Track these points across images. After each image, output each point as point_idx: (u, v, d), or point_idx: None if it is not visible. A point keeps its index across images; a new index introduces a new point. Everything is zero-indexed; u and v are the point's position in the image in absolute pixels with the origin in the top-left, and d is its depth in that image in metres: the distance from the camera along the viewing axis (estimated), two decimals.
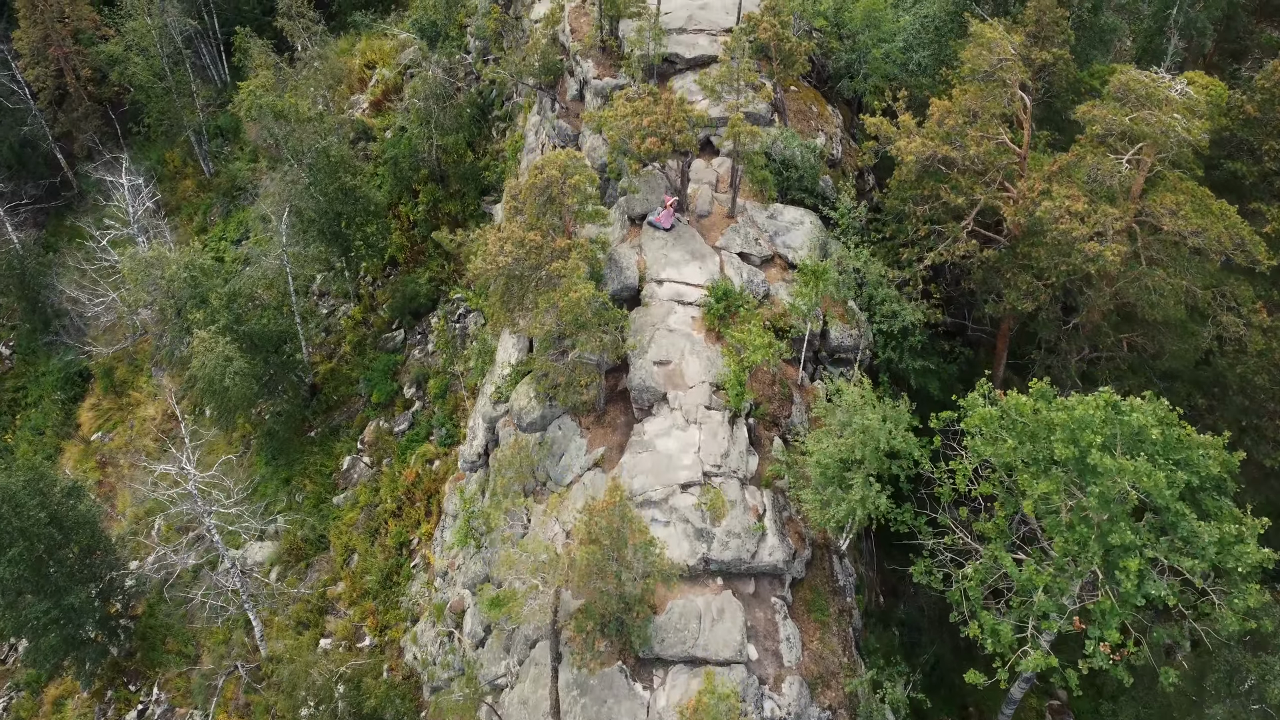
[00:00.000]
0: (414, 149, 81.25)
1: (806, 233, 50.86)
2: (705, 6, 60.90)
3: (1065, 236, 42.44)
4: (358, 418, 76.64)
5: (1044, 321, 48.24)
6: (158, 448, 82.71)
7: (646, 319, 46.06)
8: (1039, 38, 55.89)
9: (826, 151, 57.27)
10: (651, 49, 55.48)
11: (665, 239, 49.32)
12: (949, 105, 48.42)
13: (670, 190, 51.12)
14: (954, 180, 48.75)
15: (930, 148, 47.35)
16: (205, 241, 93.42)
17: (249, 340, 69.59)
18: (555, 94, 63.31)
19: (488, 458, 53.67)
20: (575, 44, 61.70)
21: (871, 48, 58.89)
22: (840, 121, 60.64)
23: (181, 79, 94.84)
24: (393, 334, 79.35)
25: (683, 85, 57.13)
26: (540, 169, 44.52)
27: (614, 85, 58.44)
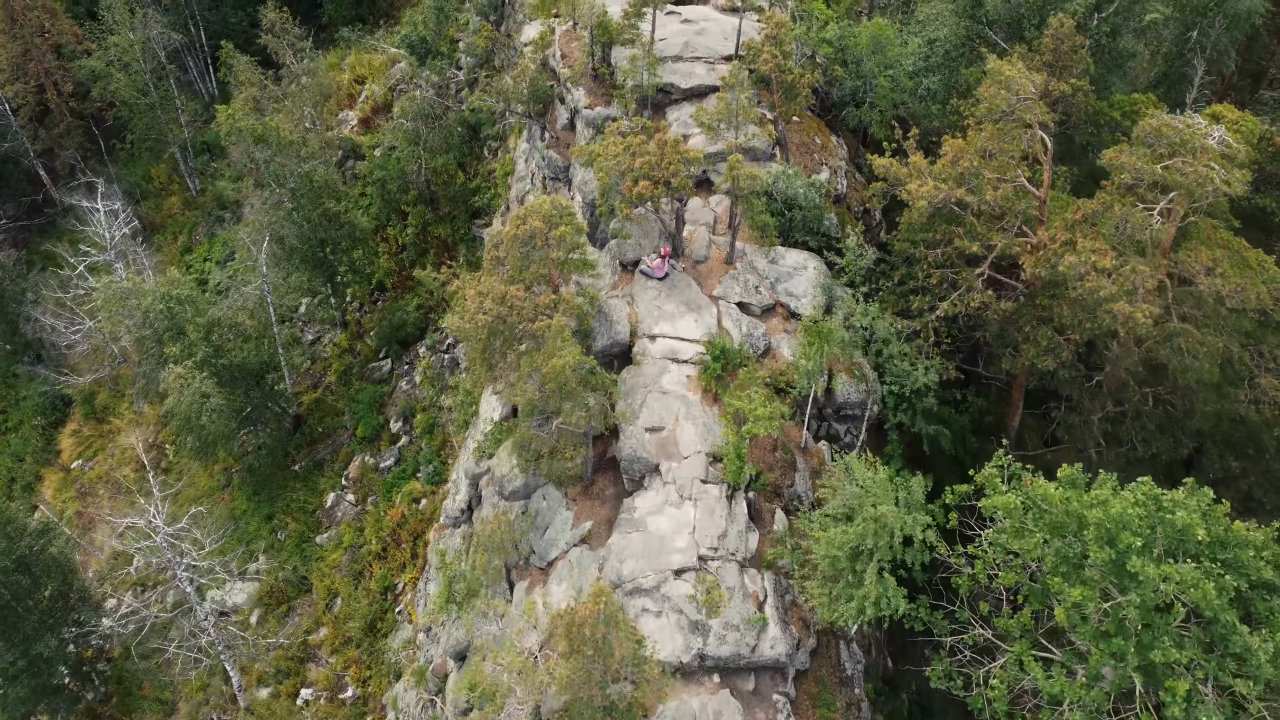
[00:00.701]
0: (402, 170, 77.05)
1: (810, 279, 46.73)
2: (702, 32, 56.67)
3: (1092, 295, 38.31)
4: (343, 452, 72.61)
5: (1065, 379, 44.12)
6: (137, 479, 78.91)
7: (638, 379, 41.94)
8: (1056, 68, 51.78)
9: (831, 187, 53.14)
10: (645, 79, 51.28)
11: (659, 288, 45.19)
12: (963, 145, 44.24)
13: (664, 234, 46.99)
14: (968, 224, 44.62)
15: (943, 191, 43.18)
16: (189, 262, 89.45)
17: (229, 373, 65.52)
18: (545, 122, 59.13)
19: (471, 513, 49.68)
20: (566, 70, 57.49)
21: (878, 75, 54.65)
22: (845, 153, 56.46)
23: (166, 94, 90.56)
24: (379, 364, 75.27)
25: (678, 117, 52.95)
26: (523, 219, 40.42)
27: (606, 116, 54.27)
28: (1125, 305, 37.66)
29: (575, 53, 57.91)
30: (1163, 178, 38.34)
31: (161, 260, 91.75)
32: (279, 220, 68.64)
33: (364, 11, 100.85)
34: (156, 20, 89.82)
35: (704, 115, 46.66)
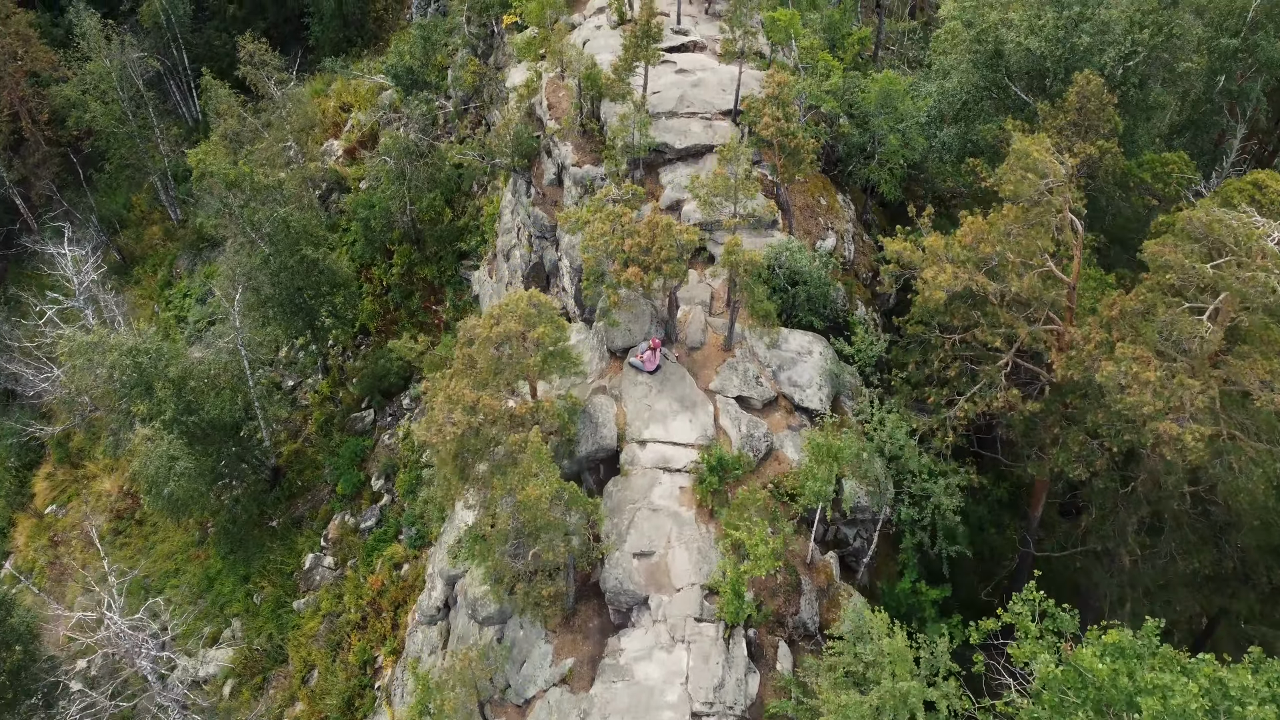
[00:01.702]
0: (387, 209, 71.93)
1: (816, 365, 41.73)
2: (698, 84, 51.46)
3: (1134, 411, 33.28)
4: (322, 509, 67.71)
5: (1098, 490, 39.12)
6: (111, 529, 74.20)
7: (626, 493, 36.96)
8: (1082, 127, 46.72)
9: (838, 256, 48.11)
10: (636, 139, 46.15)
11: (649, 383, 40.18)
12: (984, 226, 39.19)
13: (655, 320, 41.96)
14: (990, 311, 39.61)
15: (963, 279, 38.13)
16: (169, 297, 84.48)
17: (200, 429, 60.52)
18: (531, 176, 54.02)
19: (448, 610, 44.82)
20: (552, 123, 52.34)
21: (888, 133, 49.51)
22: (852, 213, 51.37)
23: (144, 122, 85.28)
24: (362, 414, 70.31)
25: (672, 180, 47.87)
26: (497, 319, 35.39)
27: (595, 175, 49.19)
28: (1173, 426, 32.67)
29: (563, 103, 52.76)
30: (1214, 281, 33.29)
31: (142, 294, 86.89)
32: (254, 268, 63.62)
33: (351, 34, 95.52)
34: (133, 46, 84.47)
35: (700, 188, 41.57)
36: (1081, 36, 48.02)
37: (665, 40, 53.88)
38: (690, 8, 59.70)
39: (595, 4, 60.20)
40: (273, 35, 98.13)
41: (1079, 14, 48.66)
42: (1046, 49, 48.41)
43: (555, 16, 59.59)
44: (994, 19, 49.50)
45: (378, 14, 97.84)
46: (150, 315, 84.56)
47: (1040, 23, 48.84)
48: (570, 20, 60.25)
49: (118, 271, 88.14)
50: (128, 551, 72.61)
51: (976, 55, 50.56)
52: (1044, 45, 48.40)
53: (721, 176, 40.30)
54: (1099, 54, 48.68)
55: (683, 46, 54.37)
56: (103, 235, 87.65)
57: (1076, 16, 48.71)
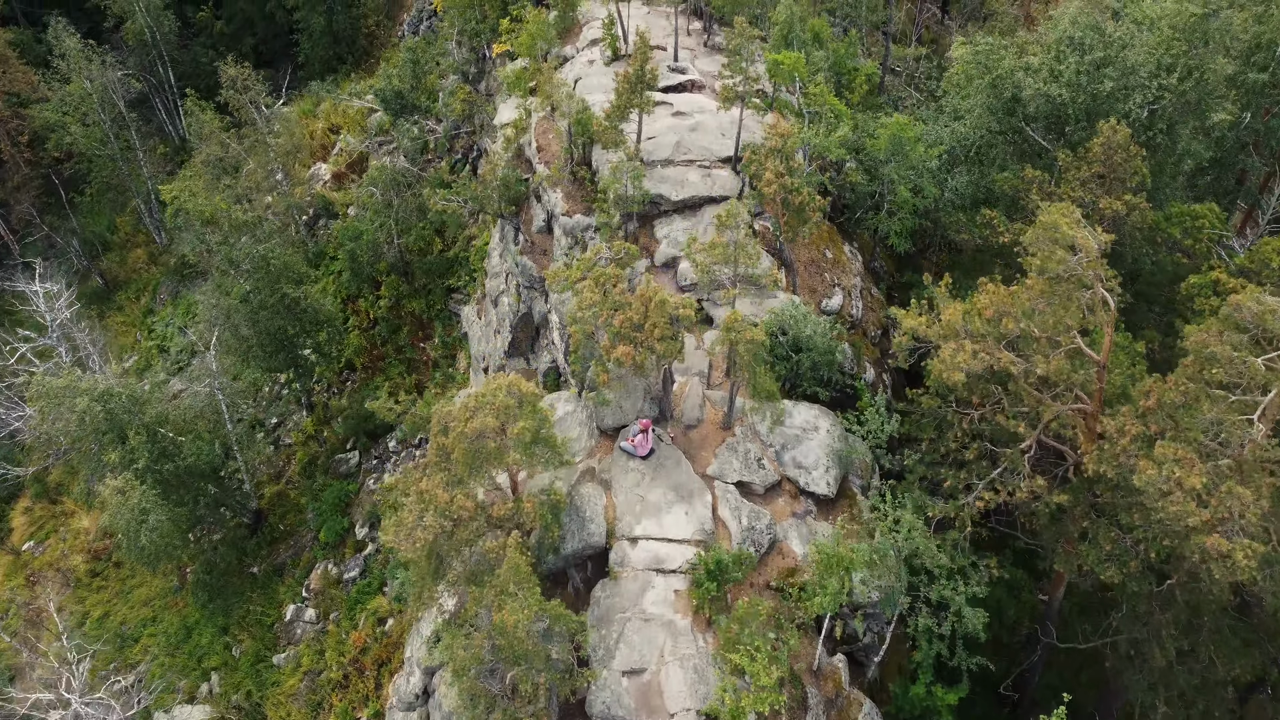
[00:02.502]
0: (374, 241, 68.01)
1: (822, 444, 37.86)
2: (696, 128, 47.46)
3: (1177, 522, 29.43)
4: (305, 556, 63.86)
5: (1131, 593, 35.25)
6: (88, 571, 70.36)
7: (615, 600, 33.09)
8: (1108, 179, 42.82)
9: (845, 313, 44.23)
10: (630, 191, 42.20)
11: (642, 470, 36.29)
12: (1005, 298, 35.27)
13: (649, 397, 38.06)
14: (1013, 390, 35.74)
15: (984, 358, 34.23)
16: (151, 325, 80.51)
17: (176, 477, 56.71)
18: (519, 222, 50.07)
19: (427, 697, 41.01)
20: (542, 167, 48.38)
21: (898, 183, 45.57)
22: (859, 265, 47.46)
23: (127, 145, 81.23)
24: (347, 455, 66.43)
25: (668, 234, 43.95)
26: (473, 413, 31.51)
27: (586, 225, 45.29)
28: (1221, 541, 28.82)
29: (553, 145, 48.79)
30: (1268, 379, 29.41)
31: (125, 320, 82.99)
32: (232, 308, 59.70)
33: (342, 51, 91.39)
34: (116, 65, 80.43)
35: (698, 253, 37.65)
36: (1104, 82, 44.07)
37: (662, 79, 49.94)
38: (688, 40, 55.71)
39: (588, 35, 56.19)
40: (262, 52, 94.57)
41: (1102, 58, 44.70)
42: (1068, 95, 44.46)
43: (546, 48, 55.58)
44: (1011, 64, 45.51)
45: (369, 30, 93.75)
46: (133, 343, 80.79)
47: (1061, 67, 44.88)
48: (562, 53, 56.26)
49: (100, 297, 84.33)
50: (104, 595, 68.82)
51: (992, 100, 46.57)
52: (1065, 92, 44.45)
53: (720, 245, 36.33)
54: (1123, 100, 44.73)
55: (680, 86, 50.38)
56: (85, 260, 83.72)
57: (1099, 60, 44.75)
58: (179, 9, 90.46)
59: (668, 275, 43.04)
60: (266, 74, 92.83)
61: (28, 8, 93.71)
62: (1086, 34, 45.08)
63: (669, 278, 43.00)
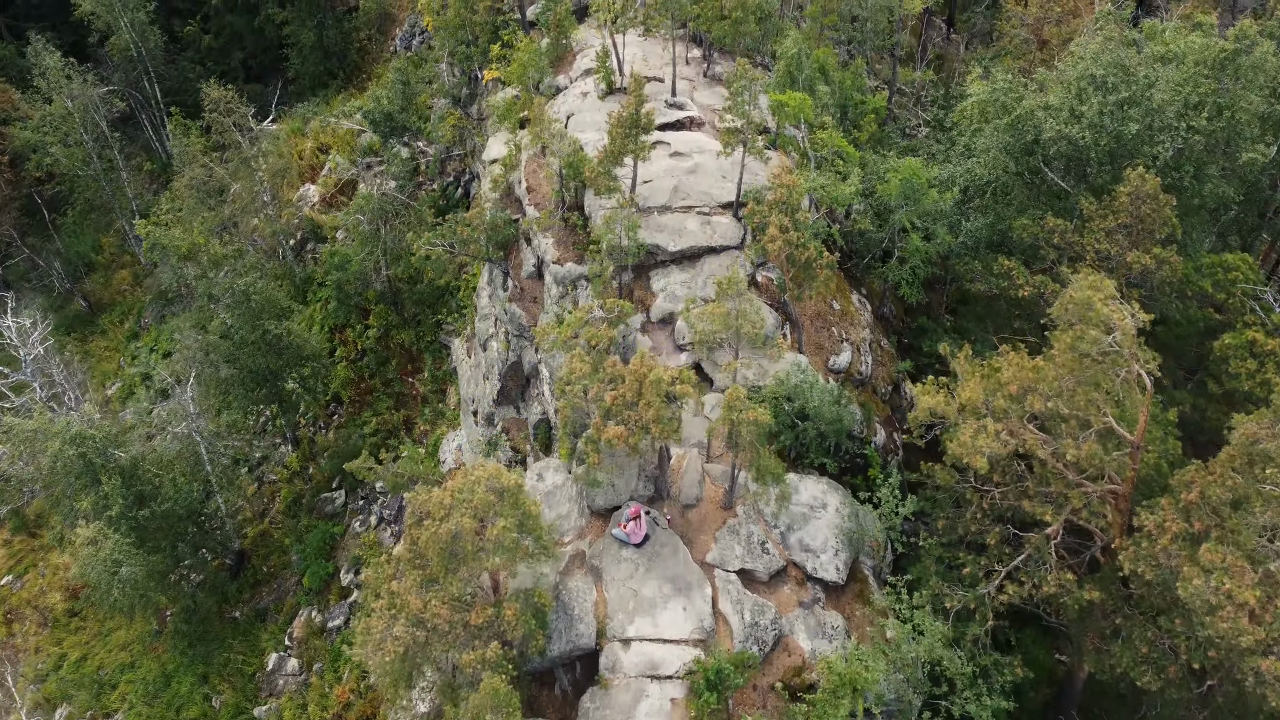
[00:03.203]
0: (362, 271, 64.53)
1: (831, 524, 34.47)
2: (695, 171, 43.94)
3: (1227, 640, 26.06)
4: (288, 601, 60.50)
5: (1170, 701, 31.86)
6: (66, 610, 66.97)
7: (605, 713, 29.68)
8: (1135, 231, 39.36)
9: (854, 370, 40.81)
10: (624, 240, 38.73)
11: (635, 560, 32.87)
12: (1030, 373, 31.89)
13: (644, 475, 34.65)
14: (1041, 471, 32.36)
15: (1008, 441, 30.87)
16: (134, 351, 77.00)
17: (153, 523, 53.39)
18: (508, 266, 46.61)
19: None
20: (531, 209, 44.91)
21: (911, 232, 42.11)
22: (869, 316, 44.02)
23: (110, 165, 77.63)
24: (332, 495, 63.05)
25: (665, 286, 40.48)
26: (447, 511, 28.14)
27: (578, 275, 41.85)
28: (1278, 665, 25.44)
29: (543, 186, 45.30)
30: None
31: (108, 345, 79.53)
32: (210, 345, 56.27)
33: (333, 66, 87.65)
34: (98, 83, 76.82)
35: (697, 320, 34.23)
36: (1130, 124, 40.54)
37: (659, 115, 46.37)
38: (686, 69, 52.14)
39: (582, 64, 52.61)
40: (251, 66, 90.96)
41: (1126, 98, 41.19)
42: (1090, 138, 40.94)
43: (538, 78, 52.01)
44: (1030, 104, 41.99)
45: (361, 44, 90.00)
46: (116, 370, 77.34)
47: (1083, 108, 41.36)
48: (554, 83, 52.67)
49: (83, 321, 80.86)
50: (82, 636, 65.48)
51: (1010, 141, 43.08)
52: (1088, 134, 40.93)
53: (721, 314, 32.87)
54: (1150, 143, 41.23)
55: (678, 123, 46.83)
56: (67, 282, 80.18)
57: (1124, 100, 41.24)
58: (166, 23, 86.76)
59: (665, 332, 39.61)
60: (255, 89, 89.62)
61: (11, 21, 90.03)
62: (1110, 72, 41.59)
63: (666, 334, 39.57)
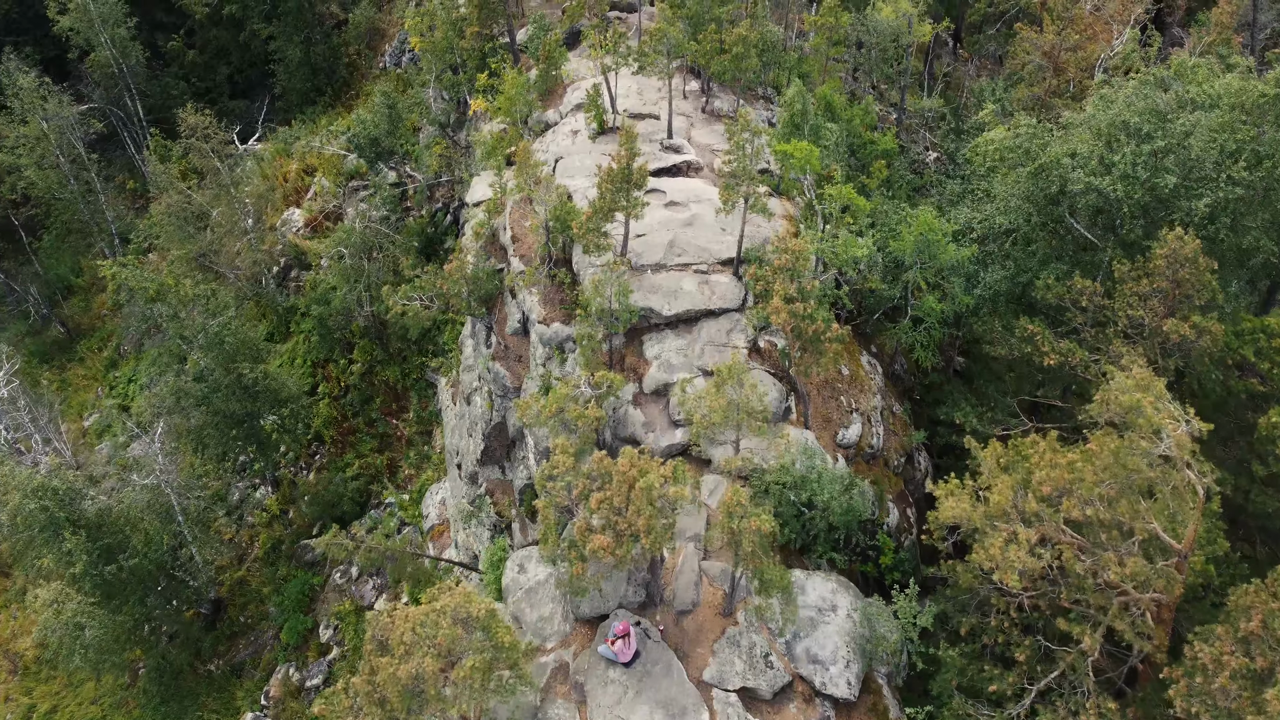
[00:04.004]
0: (345, 305, 60.53)
1: (841, 629, 30.57)
2: (692, 222, 39.86)
3: None
4: (265, 656, 56.63)
5: None
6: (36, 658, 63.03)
7: None
8: (1172, 296, 35.34)
9: (864, 443, 36.84)
10: (613, 303, 34.73)
11: (624, 682, 28.94)
12: (1065, 472, 27.94)
13: (634, 580, 30.70)
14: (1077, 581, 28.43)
15: (1045, 557, 26.95)
16: (113, 381, 73.01)
17: (121, 579, 49.55)
18: (492, 321, 42.61)
19: None
20: (517, 260, 40.89)
21: (927, 292, 38.10)
22: (880, 379, 40.07)
23: (88, 187, 73.51)
24: (312, 543, 58.73)
25: (659, 354, 36.50)
26: (408, 649, 24.16)
27: (565, 336, 37.86)
28: None
29: (529, 235, 41.30)
30: None
31: (86, 374, 75.53)
32: (183, 391, 52.33)
33: (320, 83, 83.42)
34: (75, 103, 72.66)
35: (693, 410, 30.24)
36: (1166, 177, 36.47)
37: (653, 159, 42.36)
38: (684, 104, 48.09)
39: (573, 99, 48.53)
40: (237, 82, 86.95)
41: (1162, 148, 37.12)
42: (1122, 190, 36.87)
43: (526, 112, 47.94)
44: (1056, 153, 37.93)
45: (350, 59, 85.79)
46: (94, 400, 73.34)
47: (1115, 158, 37.29)
48: (543, 118, 48.61)
49: (61, 347, 76.89)
50: (53, 686, 61.60)
51: (1033, 190, 39.04)
52: (1119, 186, 36.86)
53: (720, 408, 28.88)
54: (1186, 196, 37.19)
55: (674, 168, 42.76)
56: (44, 308, 76.19)
57: (1160, 150, 37.17)
58: (149, 38, 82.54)
59: (658, 405, 35.62)
60: (241, 105, 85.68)
61: None
62: (1145, 120, 37.51)
63: (660, 407, 35.59)
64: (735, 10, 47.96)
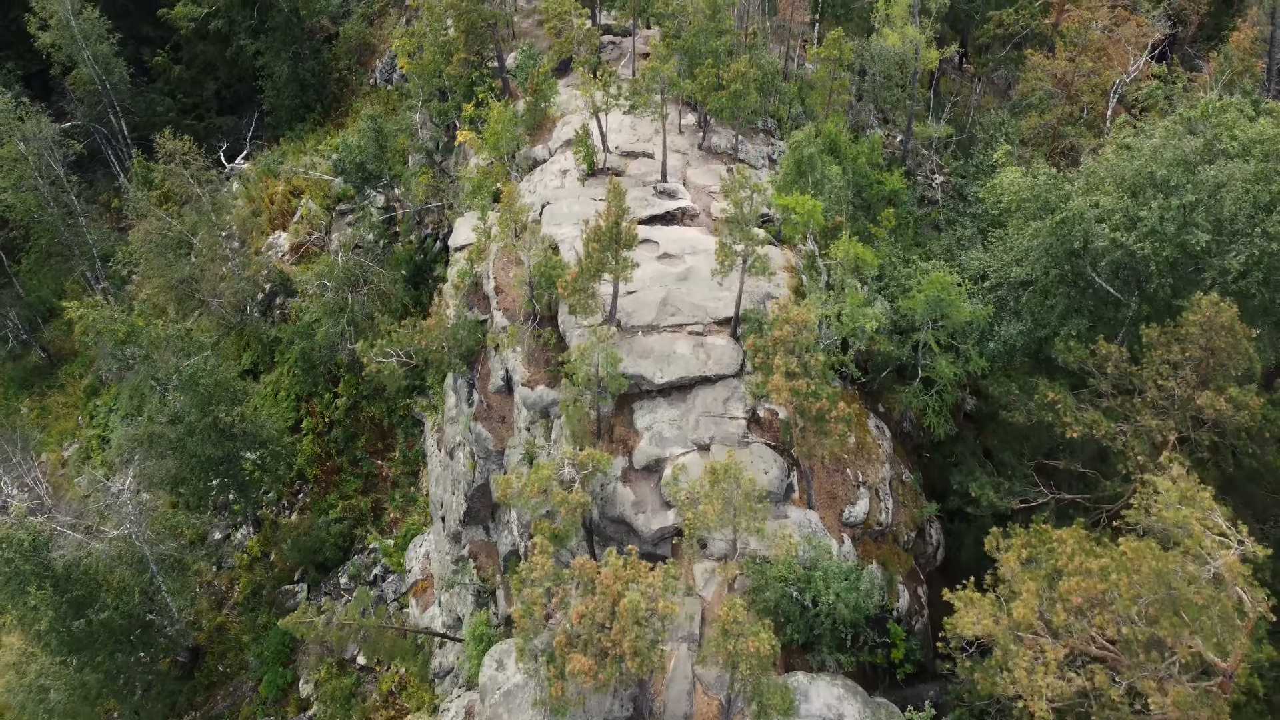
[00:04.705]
0: (329, 340, 57.35)
1: None
2: (687, 277, 36.60)
3: None
4: (244, 709, 53.57)
5: None
6: None
7: None
8: (1205, 366, 32.16)
9: (872, 522, 33.69)
10: (601, 371, 31.55)
11: None
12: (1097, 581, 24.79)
13: (620, 696, 27.56)
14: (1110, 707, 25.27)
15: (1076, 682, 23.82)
16: (93, 410, 69.85)
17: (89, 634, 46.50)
18: (475, 376, 39.44)
19: None
20: (500, 314, 37.71)
21: (939, 354, 34.89)
22: (889, 445, 36.89)
23: (67, 209, 70.24)
24: (294, 588, 56.09)
25: (651, 425, 33.33)
26: None
27: (550, 401, 34.77)
28: None
29: (513, 289, 38.06)
30: None
31: (66, 402, 72.44)
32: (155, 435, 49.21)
33: (310, 99, 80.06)
34: (52, 123, 69.37)
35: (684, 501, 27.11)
36: (1198, 235, 33.25)
37: (646, 205, 39.13)
38: (680, 140, 44.87)
39: (562, 135, 45.31)
40: (225, 97, 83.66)
41: (1192, 202, 33.89)
42: (1150, 248, 33.65)
43: (514, 147, 44.72)
44: (1079, 206, 34.69)
45: (340, 74, 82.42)
46: (74, 428, 70.23)
47: (1142, 213, 34.06)
48: (532, 154, 45.43)
49: (42, 373, 73.78)
50: None
51: (1053, 243, 35.82)
52: (1147, 244, 33.64)
53: (714, 513, 25.72)
54: (1219, 254, 33.98)
55: (669, 215, 39.51)
56: (25, 333, 73.02)
57: (1189, 205, 33.95)
58: (135, 52, 79.25)
59: (649, 482, 32.49)
60: (229, 121, 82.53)
61: None
62: (1173, 172, 34.26)
63: (651, 485, 32.46)
64: (734, 40, 44.71)
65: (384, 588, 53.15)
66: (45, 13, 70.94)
